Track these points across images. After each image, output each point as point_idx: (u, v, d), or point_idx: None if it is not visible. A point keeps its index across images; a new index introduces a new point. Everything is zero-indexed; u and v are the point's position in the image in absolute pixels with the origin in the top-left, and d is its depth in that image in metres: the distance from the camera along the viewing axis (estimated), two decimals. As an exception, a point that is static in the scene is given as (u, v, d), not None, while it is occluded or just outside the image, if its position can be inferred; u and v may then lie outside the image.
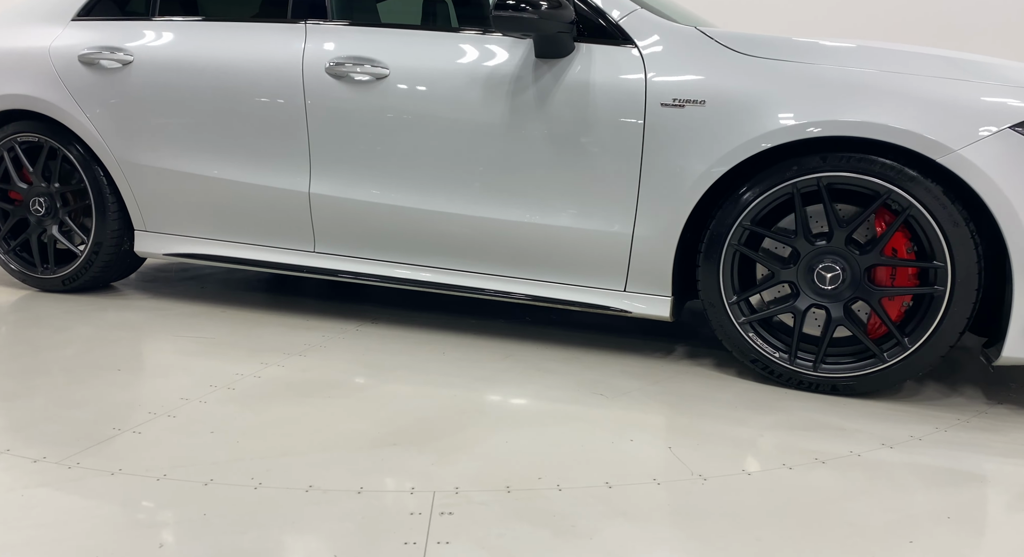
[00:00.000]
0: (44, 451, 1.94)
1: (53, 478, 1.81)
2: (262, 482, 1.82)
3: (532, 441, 2.07)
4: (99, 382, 2.41)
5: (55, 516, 1.65)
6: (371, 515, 1.69)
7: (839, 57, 2.36)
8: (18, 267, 3.46)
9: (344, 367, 2.59)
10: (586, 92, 2.54)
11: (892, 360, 2.35)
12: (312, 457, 1.95)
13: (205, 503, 1.72)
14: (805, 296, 2.44)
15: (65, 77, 3.20)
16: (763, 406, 2.34)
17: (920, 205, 2.25)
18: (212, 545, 1.56)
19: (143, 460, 1.91)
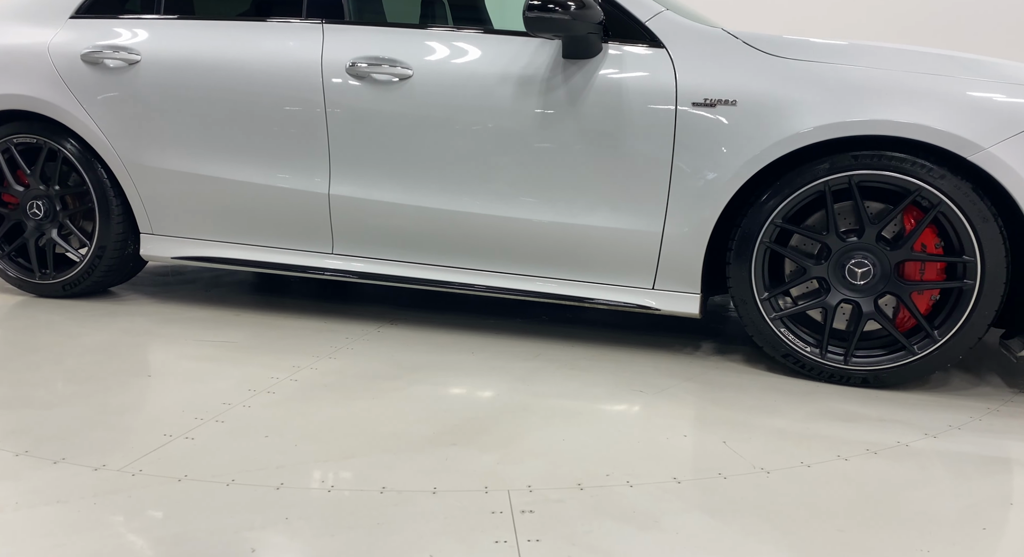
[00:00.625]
0: (101, 459, 1.89)
1: (121, 485, 1.77)
2: (334, 485, 1.80)
3: (588, 438, 2.08)
4: (133, 389, 2.35)
5: (137, 523, 1.62)
6: (453, 515, 1.68)
7: (864, 58, 2.43)
8: (14, 273, 3.35)
9: (377, 368, 2.57)
10: (616, 92, 2.57)
11: (922, 352, 2.42)
12: (375, 458, 1.93)
13: (283, 507, 1.69)
14: (836, 291, 2.50)
15: (67, 77, 3.11)
16: (800, 399, 2.39)
17: (950, 201, 2.32)
18: (304, 549, 1.54)
19: (206, 466, 1.87)
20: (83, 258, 3.26)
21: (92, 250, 3.23)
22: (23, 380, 2.40)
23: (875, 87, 2.36)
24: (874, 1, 5.43)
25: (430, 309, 3.32)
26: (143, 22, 3.10)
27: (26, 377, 2.43)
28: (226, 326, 3.00)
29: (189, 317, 3.11)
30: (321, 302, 3.43)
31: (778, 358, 2.57)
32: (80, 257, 3.28)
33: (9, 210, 3.34)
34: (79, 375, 2.45)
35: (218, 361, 2.61)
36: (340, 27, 2.89)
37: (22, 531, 1.58)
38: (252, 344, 2.79)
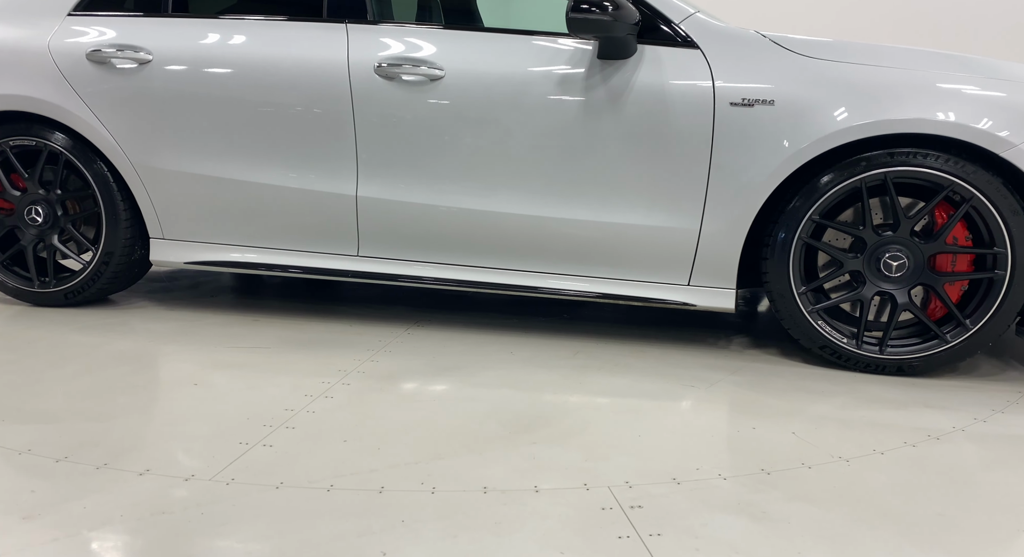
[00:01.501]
0: (187, 469, 1.83)
1: (220, 495, 1.72)
2: (435, 486, 1.79)
3: (662, 433, 2.11)
4: (185, 397, 2.28)
5: (255, 531, 1.57)
6: (565, 512, 1.69)
7: (892, 59, 2.52)
8: (11, 281, 3.20)
9: (421, 369, 2.56)
10: (653, 92, 2.60)
11: (954, 341, 2.53)
12: (464, 459, 1.92)
13: (394, 511, 1.67)
14: (871, 284, 2.58)
15: (72, 77, 2.99)
16: (845, 389, 2.47)
17: (982, 196, 2.43)
18: (433, 550, 1.53)
19: (298, 472, 1.83)
20: (88, 264, 3.13)
21: (98, 256, 3.11)
22: (66, 392, 2.31)
23: (909, 87, 2.46)
24: (872, 1, 5.56)
25: (451, 310, 3.30)
26: (150, 20, 3.00)
27: (67, 389, 2.33)
28: (248, 332, 2.93)
29: (206, 323, 3.03)
30: (336, 305, 3.38)
31: (815, 349, 2.65)
32: (84, 263, 3.15)
33: (3, 216, 3.19)
34: (121, 385, 2.36)
35: (258, 367, 2.55)
36: (364, 27, 2.85)
37: (137, 545, 1.52)
38: (285, 349, 2.73)
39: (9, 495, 1.71)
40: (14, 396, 2.27)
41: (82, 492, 1.73)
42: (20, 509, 1.66)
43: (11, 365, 2.53)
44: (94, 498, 1.71)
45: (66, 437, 2.00)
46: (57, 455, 1.91)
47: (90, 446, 1.95)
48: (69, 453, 1.92)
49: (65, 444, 1.96)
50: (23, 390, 2.32)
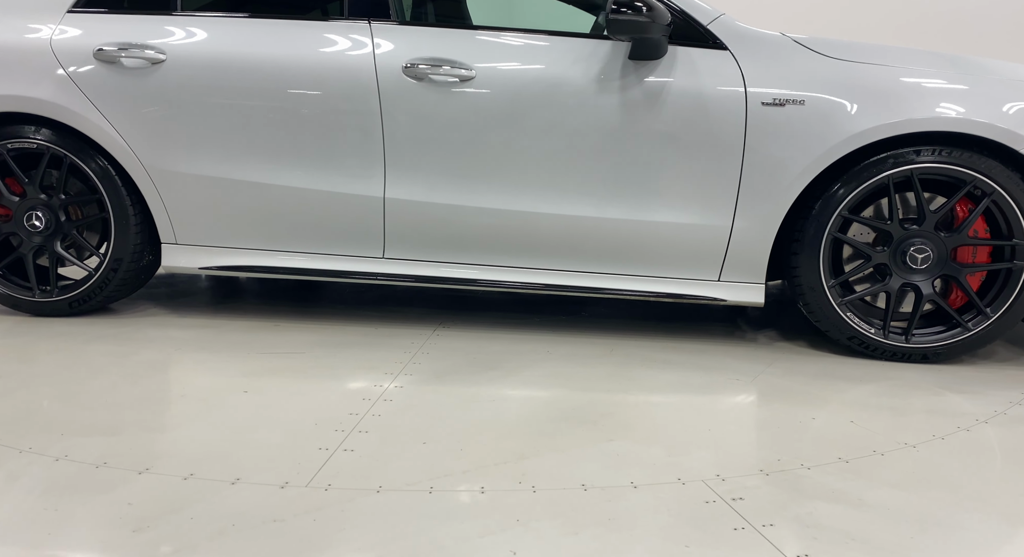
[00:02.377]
0: (278, 476, 1.80)
1: (324, 501, 1.68)
2: (534, 485, 1.79)
3: (729, 426, 2.16)
4: (241, 405, 2.23)
5: (379, 536, 1.55)
6: (673, 507, 1.71)
7: (914, 61, 2.64)
8: (7, 291, 3.06)
9: (468, 369, 2.56)
10: (685, 92, 2.66)
11: (976, 329, 2.66)
12: (549, 457, 1.93)
13: (505, 509, 1.67)
14: (897, 276, 2.69)
15: (78, 77, 2.87)
16: (881, 377, 2.57)
17: (1003, 190, 2.56)
18: (560, 548, 1.54)
19: (392, 476, 1.81)
20: (94, 271, 3.01)
21: (106, 263, 3.00)
22: (114, 403, 2.22)
23: (932, 87, 2.57)
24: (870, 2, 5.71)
25: (472, 311, 3.30)
26: (159, 18, 2.91)
27: (113, 400, 2.25)
28: (275, 337, 2.87)
29: (227, 330, 2.95)
30: (352, 308, 3.33)
31: (843, 340, 2.74)
32: (89, 271, 3.03)
33: (3, 222, 3.05)
34: (170, 395, 2.30)
35: (302, 372, 2.50)
36: (389, 26, 2.83)
37: (269, 554, 1.49)
38: (321, 353, 2.69)
39: (107, 509, 1.65)
40: (63, 410, 2.18)
41: (180, 502, 1.68)
42: (126, 523, 1.60)
43: (43, 378, 2.42)
44: (196, 508, 1.66)
45: (137, 449, 1.94)
46: (136, 467, 1.84)
47: (166, 457, 1.89)
48: (148, 465, 1.85)
49: (138, 456, 1.89)
50: (70, 403, 2.22)
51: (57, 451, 1.92)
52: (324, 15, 2.89)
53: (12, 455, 1.91)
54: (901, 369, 2.65)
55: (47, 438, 1.99)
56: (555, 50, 2.75)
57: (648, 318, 3.25)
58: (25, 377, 2.44)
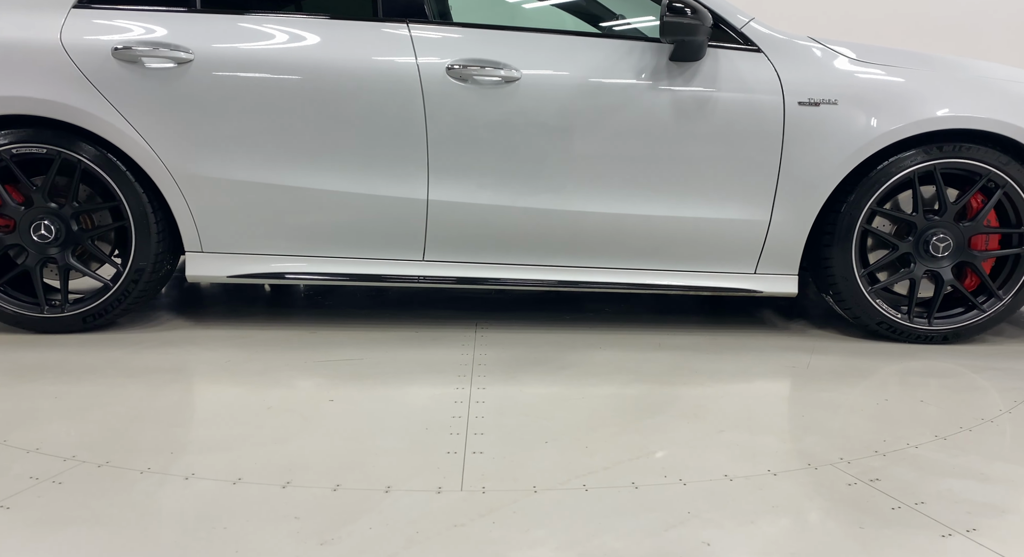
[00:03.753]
0: (427, 482, 1.77)
1: (490, 504, 1.67)
2: (681, 478, 1.83)
3: (817, 412, 2.26)
4: (337, 414, 2.17)
5: (569, 535, 1.56)
6: (825, 491, 1.79)
7: (932, 64, 2.84)
8: (10, 307, 2.84)
9: (537, 367, 2.58)
10: (726, 92, 2.76)
11: (990, 310, 2.89)
12: (675, 451, 1.98)
13: (670, 503, 1.70)
14: (920, 264, 2.88)
15: (95, 76, 2.70)
16: (916, 358, 2.77)
17: (1015, 183, 2.79)
18: (748, 536, 1.59)
19: (538, 476, 1.81)
20: (112, 283, 2.84)
21: (127, 273, 2.83)
22: (202, 419, 2.13)
23: (952, 88, 2.78)
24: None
25: (502, 310, 3.30)
26: (183, 16, 2.77)
27: (197, 415, 2.15)
28: (320, 343, 2.80)
29: (262, 340, 2.84)
30: (377, 310, 3.27)
31: (872, 326, 2.92)
32: (104, 282, 2.85)
33: (5, 233, 2.83)
34: (255, 408, 2.20)
35: (375, 378, 2.46)
36: (427, 27, 2.80)
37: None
38: (379, 358, 2.65)
39: (277, 525, 1.59)
40: (152, 427, 2.06)
41: (350, 514, 1.64)
42: (305, 537, 1.55)
43: (107, 396, 2.28)
44: (368, 519, 1.62)
45: (263, 463, 1.86)
46: (276, 481, 1.78)
47: (300, 469, 1.83)
48: (288, 478, 1.79)
49: (270, 470, 1.83)
50: (153, 420, 2.10)
51: (181, 470, 1.83)
52: (358, 16, 2.81)
53: (134, 476, 1.81)
54: (926, 351, 2.85)
55: (158, 457, 1.90)
56: (597, 51, 2.80)
57: (671, 312, 3.35)
58: (88, 395, 2.29)
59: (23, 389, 2.33)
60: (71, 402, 2.25)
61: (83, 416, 2.15)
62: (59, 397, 2.28)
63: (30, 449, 1.94)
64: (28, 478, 1.80)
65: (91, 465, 1.86)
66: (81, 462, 1.88)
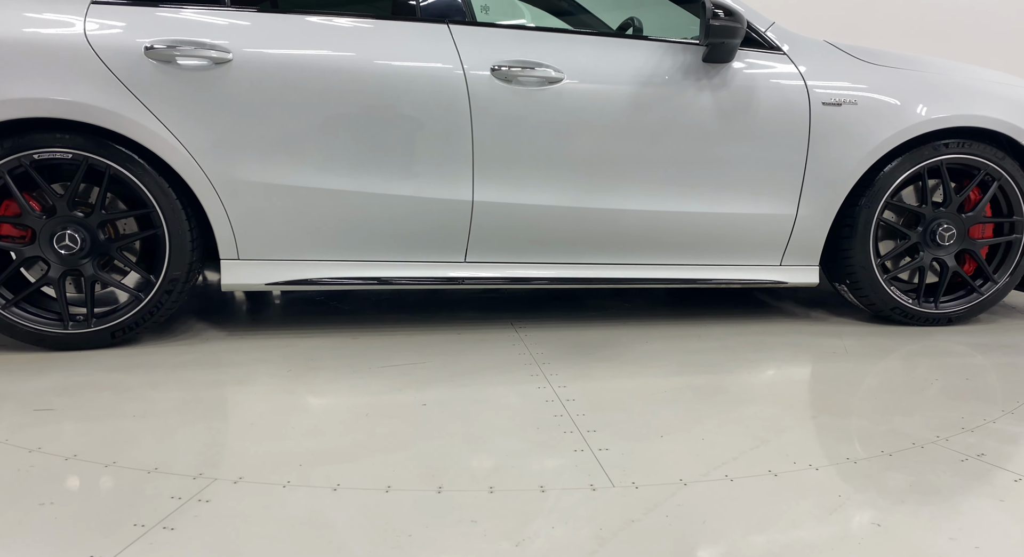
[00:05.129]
0: (576, 480, 1.80)
1: (652, 498, 1.71)
2: (810, 463, 1.92)
3: (887, 392, 2.41)
4: (438, 417, 2.14)
5: (744, 524, 1.63)
6: (944, 469, 1.87)
7: (932, 66, 3.07)
8: (28, 324, 2.65)
9: (601, 364, 2.62)
10: (756, 93, 2.90)
11: (987, 293, 3.15)
12: (790, 438, 2.06)
13: (810, 488, 1.79)
14: (927, 252, 3.11)
15: (128, 77, 2.56)
16: (939, 339, 2.97)
17: (1008, 176, 3.05)
18: (905, 513, 1.69)
19: (676, 470, 1.86)
20: (144, 294, 2.70)
21: (160, 284, 2.70)
22: (306, 431, 2.06)
23: (956, 89, 3.01)
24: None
25: (525, 309, 3.32)
26: (217, 13, 2.67)
27: (301, 426, 2.08)
28: (370, 349, 2.75)
29: (304, 348, 2.77)
30: (399, 312, 3.23)
31: (886, 311, 3.13)
32: (134, 294, 2.71)
33: (19, 245, 2.64)
34: (350, 416, 2.15)
35: (452, 381, 2.45)
36: (467, 29, 2.80)
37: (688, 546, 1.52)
38: (442, 361, 2.63)
39: (457, 528, 1.57)
40: (264, 440, 1.98)
41: (521, 515, 1.63)
42: (496, 538, 1.55)
43: (185, 413, 2.18)
44: (543, 519, 1.61)
45: (400, 468, 1.83)
46: (428, 487, 1.76)
47: (443, 474, 1.81)
48: (439, 483, 1.78)
49: (411, 476, 1.80)
50: (260, 432, 2.03)
51: (321, 481, 1.78)
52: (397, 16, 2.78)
53: (278, 491, 1.75)
54: (934, 332, 3.09)
55: (289, 470, 1.83)
56: (634, 53, 2.87)
57: (685, 304, 3.46)
58: (167, 412, 2.17)
59: (92, 410, 2.20)
60: (155, 420, 2.13)
61: (176, 433, 2.05)
62: (137, 416, 2.16)
63: (149, 469, 1.84)
64: (169, 498, 1.71)
65: (226, 482, 1.79)
66: (213, 479, 1.80)
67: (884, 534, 1.59)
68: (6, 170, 2.55)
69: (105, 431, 2.06)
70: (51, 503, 1.69)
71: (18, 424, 2.09)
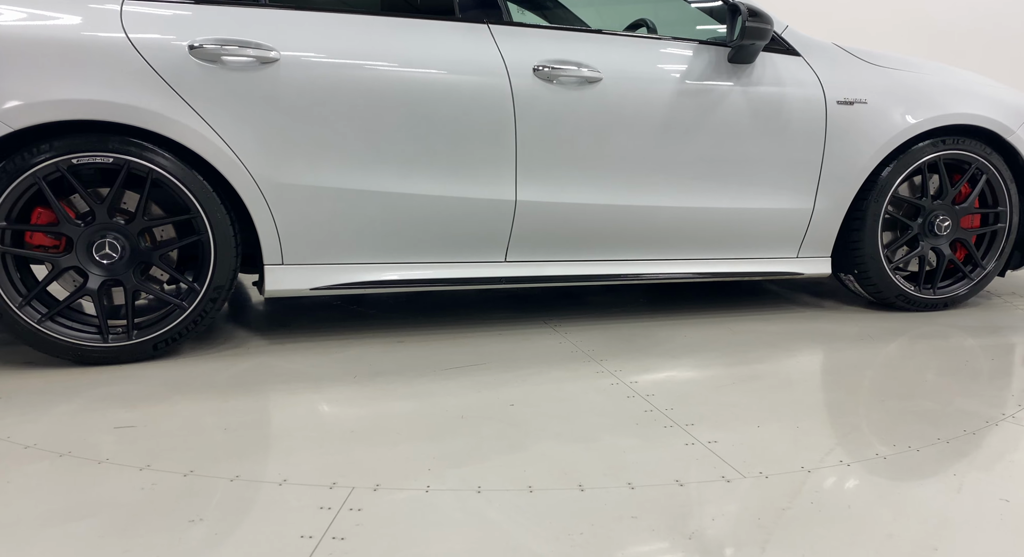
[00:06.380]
0: (710, 473, 1.87)
1: (784, 486, 1.80)
2: (910, 445, 2.06)
3: (932, 376, 2.59)
4: (530, 418, 2.17)
5: (900, 500, 1.74)
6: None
7: (927, 68, 3.28)
8: (66, 338, 2.51)
9: (655, 356, 2.71)
10: (779, 93, 3.03)
11: (977, 278, 3.40)
12: (874, 424, 2.20)
13: (925, 470, 1.93)
14: (926, 243, 3.32)
15: (174, 78, 2.45)
16: (950, 320, 3.19)
17: (995, 170, 3.30)
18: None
19: (794, 458, 1.96)
20: (188, 303, 2.60)
21: (204, 292, 2.60)
22: (413, 435, 2.05)
23: (951, 90, 3.23)
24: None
25: (553, 306, 3.36)
26: (256, 12, 2.59)
27: (406, 431, 2.06)
28: (426, 352, 2.74)
29: (350, 356, 2.73)
30: (432, 312, 3.21)
31: (891, 298, 3.33)
32: (175, 303, 2.60)
33: (55, 254, 2.49)
34: (443, 418, 2.15)
35: (526, 380, 2.48)
36: (506, 29, 2.82)
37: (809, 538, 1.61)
38: (501, 361, 2.65)
39: (622, 523, 1.62)
40: (375, 446, 1.96)
41: (675, 508, 1.69)
42: (665, 532, 1.61)
43: (272, 421, 2.13)
44: (701, 511, 1.69)
45: (532, 469, 1.86)
46: (567, 485, 1.79)
47: (576, 473, 1.85)
48: (578, 481, 1.81)
49: (550, 475, 1.83)
50: (366, 438, 2.00)
51: (459, 484, 1.80)
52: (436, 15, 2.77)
53: (421, 496, 1.75)
54: (940, 315, 3.31)
55: (420, 475, 1.84)
56: (668, 53, 2.96)
57: (687, 299, 3.58)
58: (256, 424, 2.12)
59: (172, 425, 2.11)
60: (247, 431, 2.08)
61: (277, 443, 2.02)
62: (227, 429, 2.09)
63: (278, 481, 1.80)
64: (318, 508, 1.69)
65: (365, 490, 1.77)
66: (350, 488, 1.78)
67: (1016, 508, 1.73)
68: (43, 176, 2.41)
69: (203, 444, 1.99)
70: (201, 520, 1.63)
71: (106, 443, 1.99)
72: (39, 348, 2.49)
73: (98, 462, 1.89)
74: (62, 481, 1.80)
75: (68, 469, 1.85)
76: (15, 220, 2.45)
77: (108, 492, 1.74)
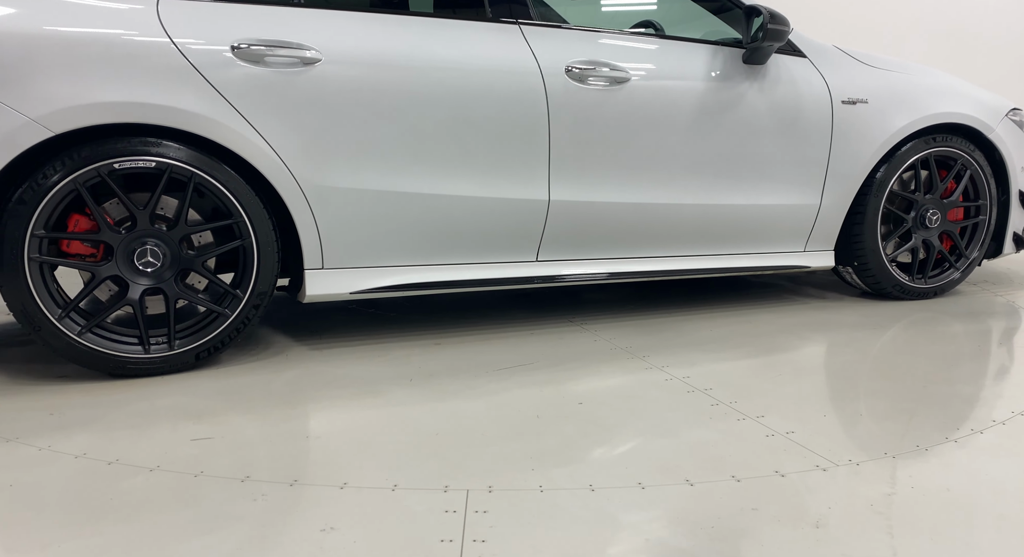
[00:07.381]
0: (802, 464, 1.95)
1: (877, 473, 1.88)
2: (972, 427, 2.18)
3: (962, 362, 2.74)
4: (608, 417, 2.21)
5: (994, 480, 1.85)
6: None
7: (917, 69, 3.47)
8: (105, 349, 2.41)
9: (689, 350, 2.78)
10: (790, 93, 3.16)
11: (962, 268, 3.61)
12: (929, 412, 2.32)
13: (999, 454, 2.06)
14: (918, 235, 3.51)
15: (218, 79, 2.38)
16: (951, 308, 3.37)
17: (978, 166, 3.51)
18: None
19: (876, 445, 2.06)
20: (231, 311, 2.53)
21: (247, 299, 2.54)
22: (496, 437, 2.06)
23: (941, 91, 3.42)
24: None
25: (570, 303, 3.39)
26: (294, 12, 2.54)
27: (489, 433, 2.07)
28: (468, 353, 2.74)
29: (404, 355, 2.71)
30: (461, 311, 3.21)
31: (888, 288, 3.50)
32: (216, 310, 2.53)
33: (94, 263, 2.39)
34: (519, 419, 2.16)
35: (582, 381, 2.51)
36: (536, 29, 2.84)
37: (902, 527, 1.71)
38: (547, 362, 2.67)
39: (745, 515, 1.68)
40: (466, 447, 1.96)
41: (789, 498, 1.75)
42: (788, 521, 1.66)
43: (350, 429, 2.10)
44: (817, 498, 1.75)
45: (638, 465, 1.90)
46: (674, 481, 1.83)
47: (679, 470, 1.88)
48: (685, 477, 1.86)
49: (650, 471, 1.87)
50: (453, 441, 1.99)
51: (570, 483, 1.82)
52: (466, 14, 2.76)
53: (536, 495, 1.76)
54: (937, 303, 3.51)
55: (527, 474, 1.85)
56: (689, 55, 3.04)
57: (695, 292, 3.68)
58: (339, 433, 2.08)
59: (251, 435, 2.06)
60: (331, 440, 2.04)
61: (367, 449, 1.99)
62: (311, 437, 2.06)
63: (391, 487, 1.78)
64: (443, 512, 1.68)
65: (480, 492, 1.77)
66: (465, 490, 1.78)
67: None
68: (83, 182, 2.30)
69: (292, 453, 1.96)
70: (333, 529, 1.61)
71: (191, 456, 1.93)
72: (78, 361, 2.39)
73: (194, 475, 1.84)
74: (168, 496, 1.74)
75: (168, 485, 1.79)
76: (52, 228, 2.34)
77: (221, 505, 1.70)
